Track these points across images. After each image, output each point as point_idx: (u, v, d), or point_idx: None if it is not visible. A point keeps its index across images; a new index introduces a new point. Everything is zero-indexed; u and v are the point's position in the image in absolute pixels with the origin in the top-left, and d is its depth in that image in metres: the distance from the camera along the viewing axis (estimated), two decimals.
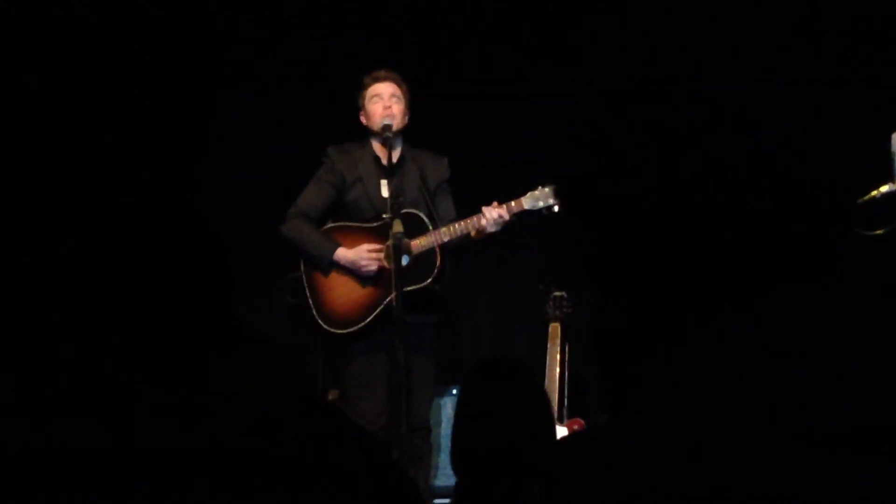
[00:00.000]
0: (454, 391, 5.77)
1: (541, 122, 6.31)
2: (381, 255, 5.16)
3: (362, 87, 5.31)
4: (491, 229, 5.11)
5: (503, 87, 6.34)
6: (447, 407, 5.82)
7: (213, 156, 6.47)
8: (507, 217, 5.10)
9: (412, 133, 5.33)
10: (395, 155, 5.27)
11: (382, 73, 5.30)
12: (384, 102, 5.22)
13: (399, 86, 5.27)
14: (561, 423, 5.42)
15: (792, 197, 1.26)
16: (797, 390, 1.19)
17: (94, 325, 1.20)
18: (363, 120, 5.32)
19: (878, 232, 4.41)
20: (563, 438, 1.91)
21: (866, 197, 4.46)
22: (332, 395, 5.68)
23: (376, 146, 5.31)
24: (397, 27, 6.37)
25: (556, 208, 5.12)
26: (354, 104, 5.34)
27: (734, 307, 1.22)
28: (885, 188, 4.46)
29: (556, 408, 5.41)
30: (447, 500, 5.37)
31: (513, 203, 5.11)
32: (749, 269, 1.23)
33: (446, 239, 5.14)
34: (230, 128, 6.17)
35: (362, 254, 5.18)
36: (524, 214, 5.16)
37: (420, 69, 5.80)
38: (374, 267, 5.17)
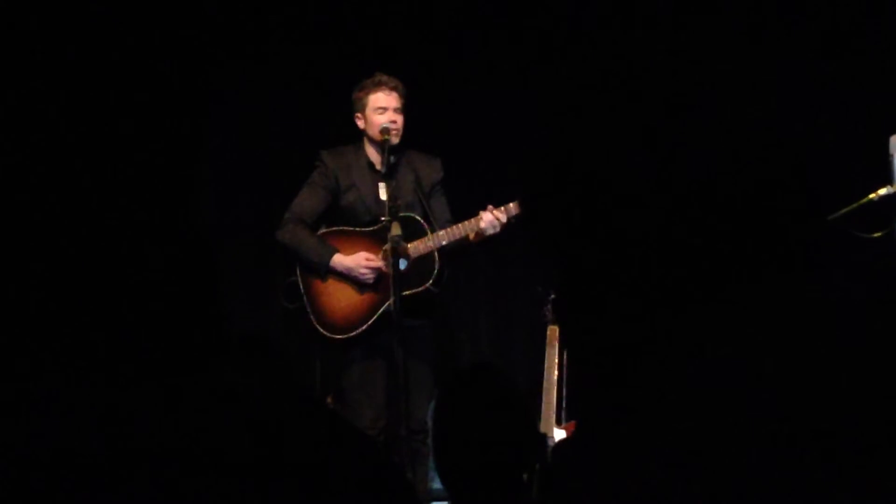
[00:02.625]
0: None
1: (536, 124, 6.29)
2: (379, 262, 5.16)
3: (363, 91, 5.26)
4: (489, 232, 5.11)
5: (500, 88, 6.34)
6: None
7: (208, 160, 6.46)
8: (504, 220, 5.09)
9: (407, 134, 5.32)
10: (391, 159, 5.26)
11: (386, 79, 5.25)
12: (390, 116, 5.19)
13: (401, 95, 5.23)
14: (559, 425, 5.42)
15: (790, 197, 1.26)
16: (795, 389, 1.19)
17: (86, 325, 1.19)
18: (360, 123, 5.30)
19: (877, 234, 4.41)
20: (564, 439, 1.91)
21: (864, 199, 4.46)
22: (329, 400, 5.67)
23: (371, 151, 5.30)
24: (391, 27, 6.36)
25: None
26: (349, 105, 5.31)
27: (730, 306, 1.22)
28: (883, 191, 4.46)
29: (555, 410, 5.41)
30: (445, 503, 5.37)
31: (511, 205, 5.10)
32: (747, 269, 1.23)
33: (444, 242, 5.14)
34: (225, 131, 6.17)
35: (360, 261, 5.18)
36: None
37: (415, 70, 5.79)
38: (371, 276, 5.16)
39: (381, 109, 5.20)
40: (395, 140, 5.19)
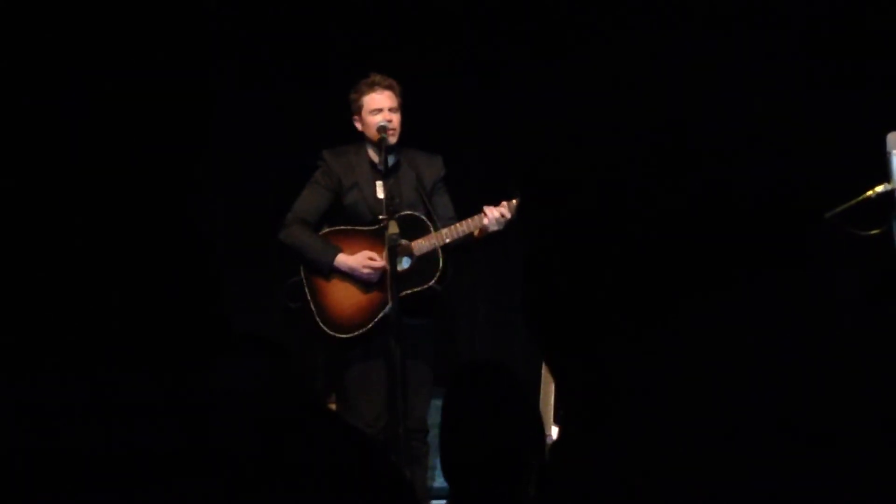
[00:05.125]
0: None
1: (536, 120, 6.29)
2: (382, 262, 5.16)
3: (358, 92, 5.27)
4: (493, 228, 5.11)
5: (501, 84, 6.34)
6: None
7: (211, 161, 6.51)
8: (509, 215, 5.09)
9: (408, 132, 5.33)
10: (391, 158, 5.27)
11: (380, 79, 5.26)
12: (385, 116, 5.20)
13: (396, 94, 5.24)
14: (557, 423, 5.42)
15: (787, 194, 1.27)
16: (790, 389, 1.20)
17: (87, 325, 1.20)
18: (358, 126, 5.31)
19: (874, 232, 4.41)
20: (559, 437, 1.92)
21: (862, 197, 4.47)
22: (330, 400, 5.68)
23: (371, 152, 5.32)
24: (391, 24, 6.36)
25: None
26: (347, 105, 5.32)
27: (723, 305, 1.22)
28: (880, 188, 4.47)
29: (553, 408, 5.41)
30: (444, 502, 5.37)
31: (515, 201, 5.10)
32: (741, 267, 1.24)
33: (448, 240, 5.14)
34: (227, 133, 6.18)
35: (363, 261, 5.18)
36: None
37: (416, 67, 5.79)
38: (375, 276, 5.17)
39: (377, 110, 5.21)
40: (392, 139, 5.20)
